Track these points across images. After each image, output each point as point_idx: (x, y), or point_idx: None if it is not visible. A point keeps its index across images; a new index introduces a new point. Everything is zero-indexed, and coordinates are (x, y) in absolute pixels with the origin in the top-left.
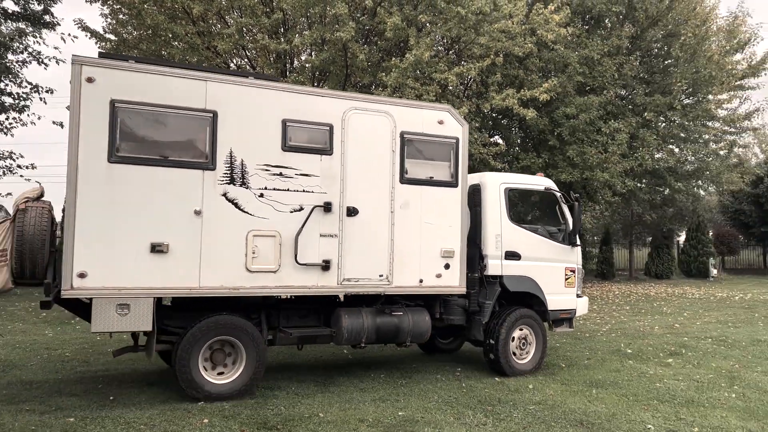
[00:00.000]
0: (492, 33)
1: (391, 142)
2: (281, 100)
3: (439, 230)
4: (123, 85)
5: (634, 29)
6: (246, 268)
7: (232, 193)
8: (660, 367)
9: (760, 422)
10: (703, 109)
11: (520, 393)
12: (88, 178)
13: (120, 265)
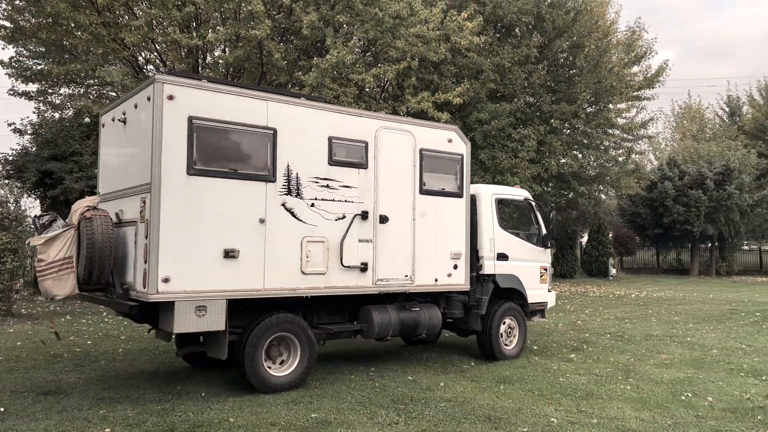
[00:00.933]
0: (408, 37)
1: (413, 158)
2: (327, 119)
3: (449, 235)
4: (199, 103)
5: (542, 39)
6: (301, 270)
7: (290, 203)
8: (563, 362)
9: (651, 411)
10: (605, 118)
11: (432, 391)
12: (170, 189)
13: (198, 270)
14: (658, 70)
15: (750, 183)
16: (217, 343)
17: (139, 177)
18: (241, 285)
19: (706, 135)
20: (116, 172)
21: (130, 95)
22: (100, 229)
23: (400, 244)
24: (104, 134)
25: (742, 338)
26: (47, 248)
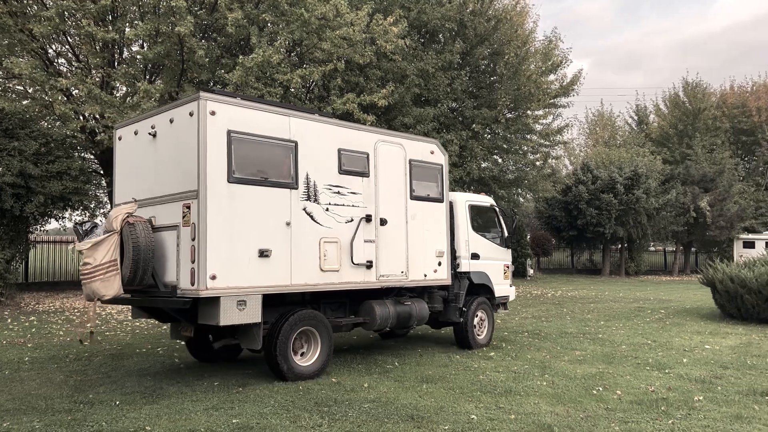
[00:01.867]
0: (334, 39)
1: (404, 167)
2: (337, 133)
3: (434, 236)
4: (235, 118)
5: (464, 46)
6: (320, 268)
7: (309, 207)
8: (483, 360)
9: (566, 406)
10: (523, 123)
11: (356, 392)
12: (214, 196)
13: (238, 268)
14: (573, 79)
15: (656, 188)
16: (252, 335)
17: (181, 185)
18: (272, 281)
19: (616, 141)
20: (144, 181)
21: (158, 111)
22: (143, 234)
23: (396, 243)
24: (123, 147)
25: (648, 334)
26: (93, 252)
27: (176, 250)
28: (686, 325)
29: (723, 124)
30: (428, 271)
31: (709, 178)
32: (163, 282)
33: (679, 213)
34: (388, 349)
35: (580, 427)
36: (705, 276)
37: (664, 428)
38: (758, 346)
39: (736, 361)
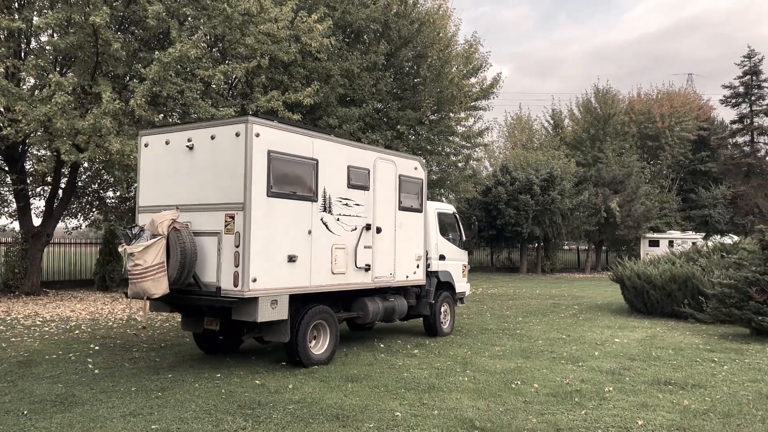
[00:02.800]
0: (258, 35)
1: (395, 182)
2: (346, 152)
3: (414, 242)
4: (274, 139)
5: (389, 47)
6: (331, 271)
7: (325, 218)
8: (407, 358)
9: (486, 400)
10: (446, 125)
11: (280, 393)
12: (257, 208)
13: (272, 271)
14: (493, 82)
15: (570, 189)
16: (279, 330)
17: (224, 196)
18: (297, 283)
19: (533, 144)
20: (176, 188)
21: (196, 126)
22: (188, 239)
23: (387, 249)
24: (150, 154)
25: (563, 329)
26: (144, 255)
27: (217, 254)
28: (598, 320)
29: (631, 129)
30: (409, 272)
31: (619, 180)
32: (203, 282)
33: (591, 213)
34: None
35: (500, 420)
36: (615, 273)
37: (577, 418)
38: (662, 338)
39: (643, 352)
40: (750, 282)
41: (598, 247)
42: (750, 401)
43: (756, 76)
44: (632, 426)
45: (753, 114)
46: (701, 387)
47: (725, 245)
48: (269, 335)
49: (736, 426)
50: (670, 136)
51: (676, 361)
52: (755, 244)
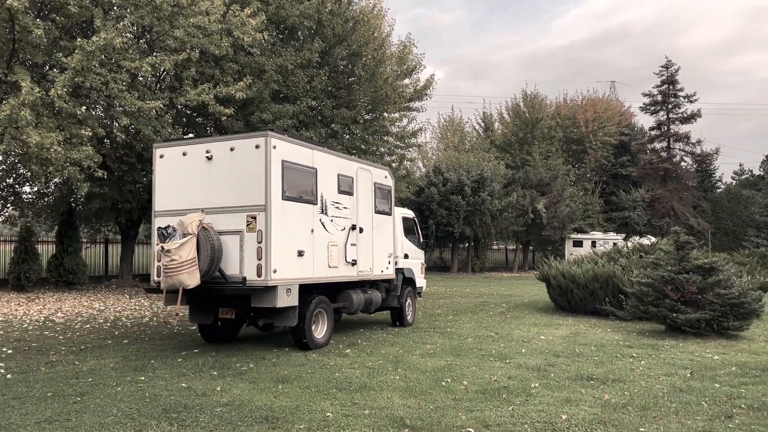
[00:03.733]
0: (188, 27)
1: (371, 188)
2: (337, 162)
3: (386, 241)
4: (286, 151)
5: (323, 45)
6: (328, 265)
7: (323, 219)
8: (339, 357)
9: (417, 398)
10: (380, 125)
11: (208, 396)
12: (275, 209)
13: (287, 264)
14: (426, 84)
15: (499, 190)
16: (289, 316)
17: (246, 200)
18: (304, 274)
19: (465, 146)
20: (195, 193)
21: (213, 139)
22: (215, 237)
23: (367, 247)
24: (166, 163)
25: (491, 327)
26: (180, 251)
27: (239, 250)
28: (525, 318)
29: (557, 134)
30: (383, 268)
31: (545, 182)
32: (227, 275)
33: (519, 214)
34: (243, 351)
35: (430, 417)
36: (541, 272)
37: (505, 414)
38: (585, 335)
39: (567, 349)
40: (666, 281)
41: (526, 247)
42: (665, 394)
43: (673, 85)
44: (556, 421)
45: (670, 121)
46: (621, 381)
47: (643, 246)
48: (279, 320)
49: (651, 418)
50: (593, 140)
51: (598, 357)
52: (671, 244)
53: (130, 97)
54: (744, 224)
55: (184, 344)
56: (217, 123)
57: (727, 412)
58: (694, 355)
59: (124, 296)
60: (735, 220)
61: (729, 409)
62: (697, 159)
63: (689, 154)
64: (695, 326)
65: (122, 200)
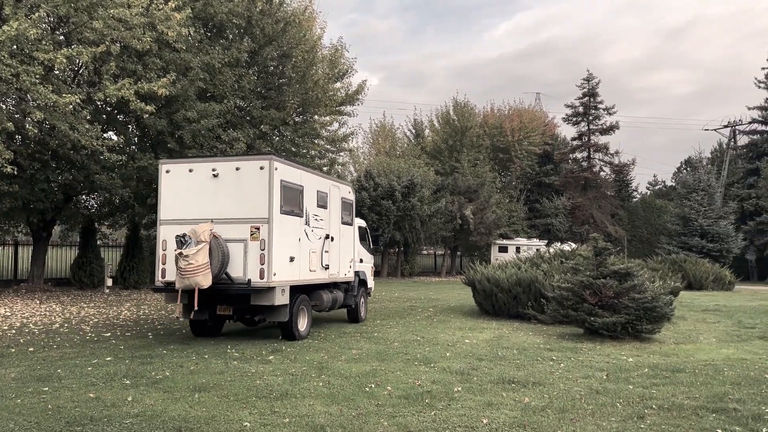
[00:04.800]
0: (107, 19)
1: (339, 203)
2: (316, 179)
3: (348, 248)
4: (283, 171)
5: (253, 45)
6: (309, 269)
7: (306, 229)
8: (262, 364)
9: (339, 405)
10: (311, 128)
11: (118, 407)
12: (275, 222)
13: (282, 268)
14: (358, 88)
15: (429, 196)
16: (281, 312)
17: (250, 213)
18: (293, 277)
19: (396, 152)
20: (200, 206)
21: (220, 159)
22: (224, 244)
23: (336, 253)
24: (172, 179)
25: (418, 331)
26: (196, 256)
27: (243, 256)
28: (450, 322)
29: (485, 142)
30: (346, 271)
31: (473, 189)
32: (233, 278)
33: (447, 220)
34: (159, 358)
35: (352, 425)
36: (467, 277)
37: (427, 420)
38: (507, 338)
39: (490, 353)
40: (584, 285)
41: (453, 252)
42: (582, 396)
43: (593, 97)
44: (477, 425)
45: (590, 132)
46: (541, 384)
47: (564, 252)
48: (273, 316)
49: (569, 420)
50: (519, 149)
51: (519, 361)
52: (589, 250)
53: (44, 90)
54: (657, 232)
55: (97, 353)
56: (138, 121)
57: (639, 413)
58: (610, 358)
59: (33, 301)
60: (649, 228)
61: (641, 410)
62: (615, 169)
63: (608, 164)
64: (611, 329)
65: (34, 200)
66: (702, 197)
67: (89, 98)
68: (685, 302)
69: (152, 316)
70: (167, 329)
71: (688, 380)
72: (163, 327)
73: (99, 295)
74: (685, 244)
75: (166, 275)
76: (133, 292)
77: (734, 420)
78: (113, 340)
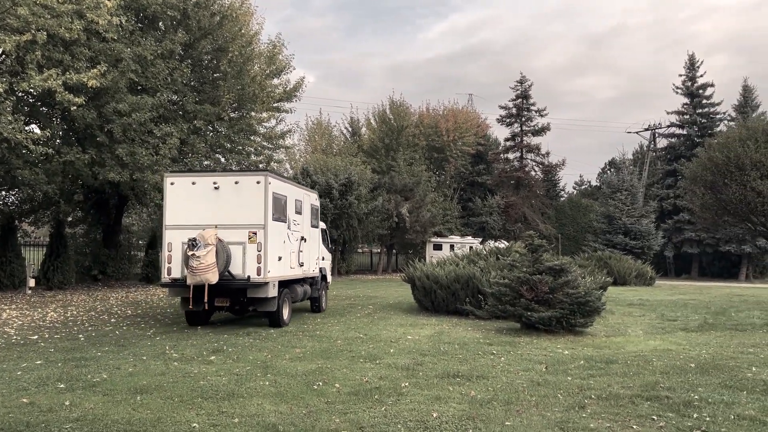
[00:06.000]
0: (32, 6)
1: (309, 208)
2: (294, 190)
3: (316, 248)
4: (274, 185)
5: (187, 37)
6: (290, 266)
7: (288, 233)
8: (204, 365)
9: (288, 404)
10: (247, 124)
11: (55, 412)
12: (269, 227)
13: (273, 266)
14: (296, 85)
15: (366, 194)
16: (270, 303)
17: (247, 220)
18: (280, 274)
19: (333, 150)
20: (202, 213)
21: (220, 174)
22: (227, 246)
23: (307, 252)
24: (176, 189)
25: (360, 328)
26: (206, 257)
27: (242, 256)
28: (391, 319)
29: (420, 141)
30: (314, 268)
31: (409, 188)
32: (234, 275)
33: (384, 218)
34: (94, 360)
35: (303, 422)
36: (406, 274)
37: (378, 415)
38: (448, 334)
39: (433, 348)
40: (521, 281)
41: (390, 250)
42: (525, 388)
43: (526, 99)
44: (428, 419)
45: (523, 133)
46: (484, 378)
47: (499, 249)
48: (264, 307)
49: (515, 412)
50: (453, 149)
51: (462, 355)
52: (525, 247)
53: None
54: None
55: (25, 356)
56: (65, 113)
57: (580, 403)
58: (547, 351)
59: None
60: (576, 227)
61: (581, 400)
62: (545, 169)
63: (539, 164)
64: (547, 323)
65: None
66: (625, 197)
67: (11, 88)
68: (611, 297)
69: (81, 317)
70: (99, 331)
71: (621, 371)
72: (94, 329)
73: (21, 297)
74: (610, 242)
75: (171, 273)
76: (57, 293)
77: (667, 407)
78: (41, 342)
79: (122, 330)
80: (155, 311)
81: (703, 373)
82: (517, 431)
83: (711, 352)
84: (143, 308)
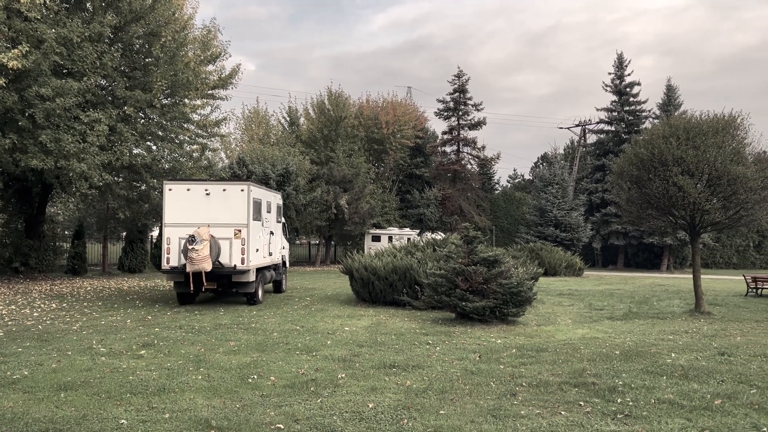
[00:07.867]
0: None
1: (276, 207)
2: (266, 193)
3: (279, 239)
4: (254, 192)
5: (117, 20)
6: (263, 256)
7: (262, 230)
8: (133, 359)
9: (222, 398)
10: (180, 112)
11: None
12: (251, 226)
13: (253, 256)
14: (232, 72)
15: (304, 185)
16: (250, 286)
17: (232, 219)
18: (257, 262)
19: (270, 140)
20: (196, 215)
21: (211, 182)
22: (217, 242)
23: (274, 243)
24: (174, 195)
25: (297, 320)
26: (203, 249)
27: (229, 249)
28: (329, 310)
29: (360, 133)
30: (278, 256)
31: (348, 179)
32: (223, 264)
33: (323, 209)
34: (14, 357)
35: (237, 416)
36: (345, 266)
37: (314, 407)
38: (385, 325)
39: (370, 339)
40: (457, 272)
41: (328, 242)
42: (459, 377)
43: (463, 94)
44: (364, 409)
45: (460, 127)
46: (420, 368)
47: (436, 240)
48: (244, 289)
49: (449, 401)
50: (392, 141)
51: (398, 346)
52: (461, 239)
53: None
54: (517, 222)
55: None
56: None
57: (511, 390)
58: (480, 340)
59: None
60: (509, 219)
61: (513, 388)
62: (481, 163)
63: (475, 158)
64: (481, 313)
65: None
66: (557, 190)
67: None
68: (542, 287)
69: (0, 312)
70: (20, 326)
71: (551, 359)
72: (15, 323)
73: None
74: (542, 234)
75: (170, 262)
76: None
77: (593, 393)
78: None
79: (45, 324)
80: (81, 304)
81: (627, 359)
82: (450, 420)
83: (634, 339)
84: (69, 301)
